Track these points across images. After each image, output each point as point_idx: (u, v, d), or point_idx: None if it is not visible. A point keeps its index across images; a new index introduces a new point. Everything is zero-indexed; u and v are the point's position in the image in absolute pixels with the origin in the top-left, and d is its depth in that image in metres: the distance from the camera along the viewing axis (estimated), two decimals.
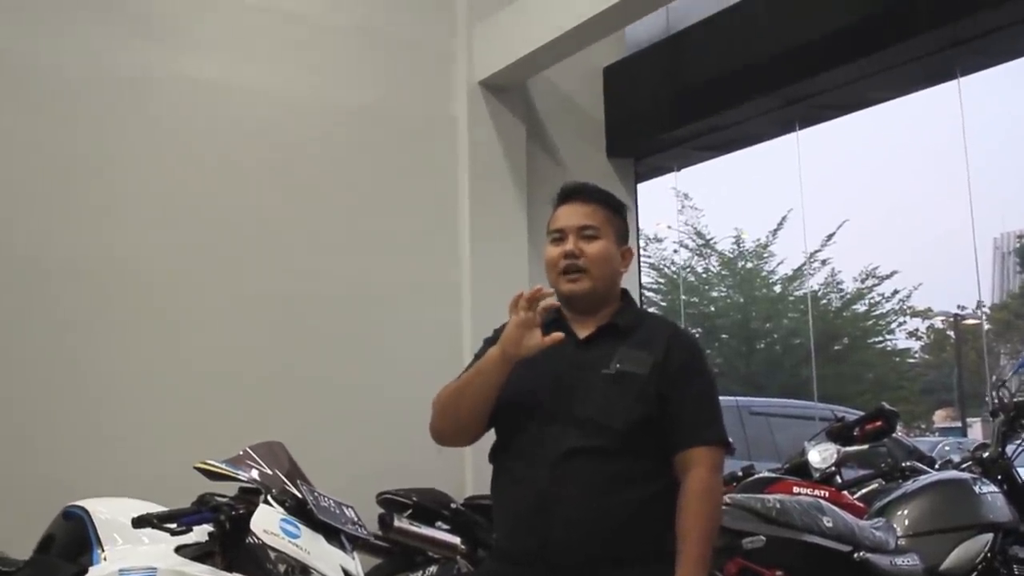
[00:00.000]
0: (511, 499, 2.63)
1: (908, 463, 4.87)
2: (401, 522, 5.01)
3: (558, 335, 2.55)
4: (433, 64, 6.73)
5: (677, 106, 6.95)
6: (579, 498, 2.51)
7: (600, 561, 2.50)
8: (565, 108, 7.25)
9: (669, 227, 21.41)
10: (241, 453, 3.25)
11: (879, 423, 5.14)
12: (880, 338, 23.53)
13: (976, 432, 28.86)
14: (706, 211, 26.76)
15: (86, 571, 3.09)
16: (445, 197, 6.64)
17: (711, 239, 22.29)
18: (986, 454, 4.46)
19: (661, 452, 2.59)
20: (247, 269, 5.90)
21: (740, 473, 5.30)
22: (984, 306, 31.07)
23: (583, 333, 2.70)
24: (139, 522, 2.92)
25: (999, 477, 4.37)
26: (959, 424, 29.05)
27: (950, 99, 6.35)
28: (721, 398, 2.77)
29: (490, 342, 2.74)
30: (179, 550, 3.06)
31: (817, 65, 6.05)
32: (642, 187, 7.89)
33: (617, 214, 2.78)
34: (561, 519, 2.51)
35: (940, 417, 31.54)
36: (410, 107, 6.59)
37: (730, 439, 5.98)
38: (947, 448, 17.19)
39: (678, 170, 7.98)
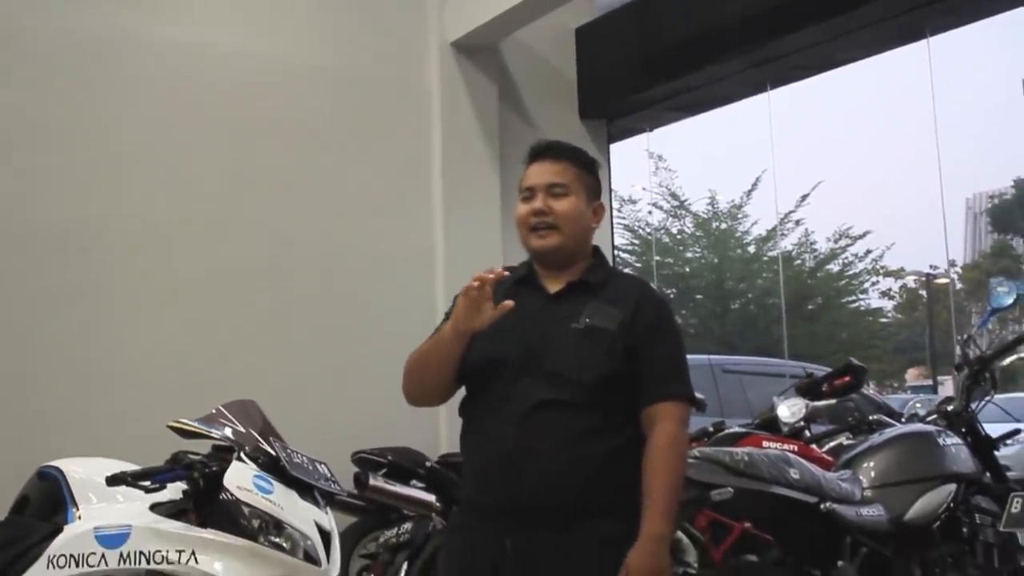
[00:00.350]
0: (480, 452, 2.67)
1: (875, 417, 4.95)
2: (376, 481, 5.06)
3: (508, 303, 2.58)
4: (405, 26, 6.69)
5: (649, 67, 6.95)
6: (547, 451, 2.54)
7: (568, 513, 2.54)
8: (537, 69, 7.23)
9: (644, 188, 21.47)
10: (214, 411, 3.28)
11: (847, 378, 5.22)
12: (853, 298, 23.74)
13: (947, 390, 29.20)
14: (680, 172, 26.83)
15: (61, 530, 3.12)
16: (417, 159, 6.63)
17: (685, 200, 22.36)
18: (951, 407, 4.52)
19: (629, 407, 2.63)
20: (221, 231, 5.90)
21: (711, 429, 5.37)
22: (956, 265, 31.38)
23: (553, 288, 2.73)
24: (113, 480, 2.95)
25: (963, 430, 4.43)
26: (931, 382, 29.39)
27: (920, 59, 6.40)
28: (694, 356, 2.81)
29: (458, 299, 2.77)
30: (154, 508, 3.10)
31: (788, 25, 6.05)
32: (616, 149, 7.91)
33: (588, 171, 2.79)
34: (529, 472, 2.54)
35: (912, 375, 31.90)
36: (382, 69, 6.57)
37: (700, 396, 6.08)
38: (918, 405, 17.41)
39: (650, 131, 8.00)
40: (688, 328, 22.60)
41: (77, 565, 2.99)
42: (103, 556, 2.98)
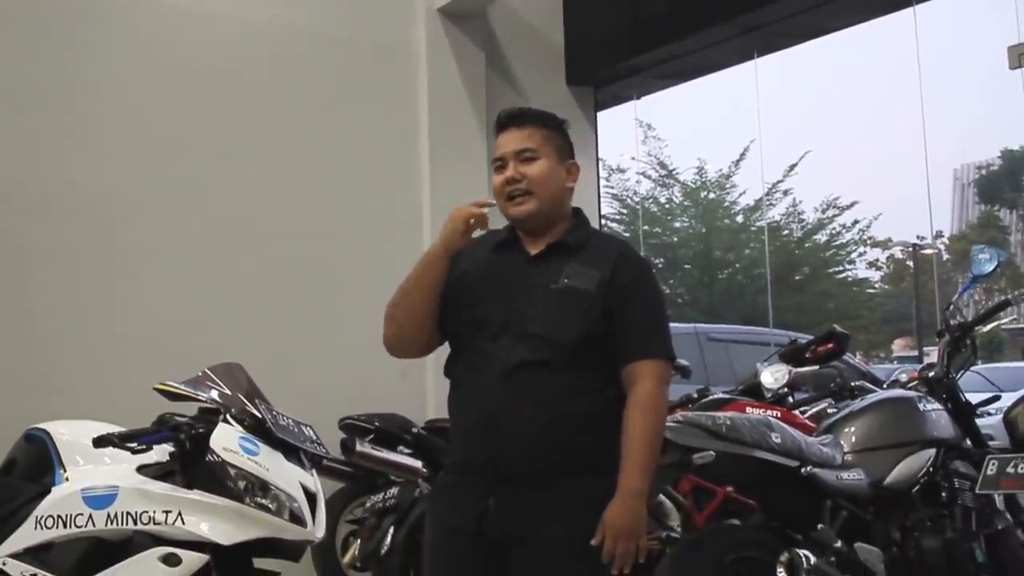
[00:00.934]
0: (464, 413, 2.71)
1: (857, 383, 4.99)
2: (363, 447, 5.09)
3: (482, 203, 2.69)
4: None
5: (636, 33, 6.92)
6: (528, 411, 2.58)
7: (550, 472, 2.58)
8: (525, 36, 7.21)
9: (633, 158, 21.46)
10: (200, 374, 3.30)
11: (830, 345, 5.25)
12: (840, 268, 23.82)
13: (933, 360, 29.36)
14: (668, 141, 26.81)
15: (49, 491, 3.15)
16: (404, 124, 6.62)
17: (673, 169, 22.36)
18: (932, 374, 4.56)
19: (608, 366, 2.65)
20: (206, 195, 5.88)
21: (695, 395, 5.42)
22: (943, 236, 31.48)
23: (534, 251, 2.76)
24: (100, 442, 2.97)
25: (944, 396, 4.47)
26: (916, 353, 29.56)
27: (907, 27, 6.41)
28: (680, 325, 2.83)
29: None
30: (140, 469, 3.13)
31: None
32: (604, 117, 7.90)
33: (556, 131, 2.80)
34: (511, 431, 2.58)
35: (899, 346, 32.08)
36: (369, 33, 6.54)
37: (685, 362, 6.12)
38: (903, 376, 17.54)
39: (638, 98, 7.99)
40: (675, 298, 22.68)
41: (65, 526, 3.02)
42: (90, 517, 3.01)
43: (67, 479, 3.16)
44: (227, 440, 3.06)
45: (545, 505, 2.57)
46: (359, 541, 5.12)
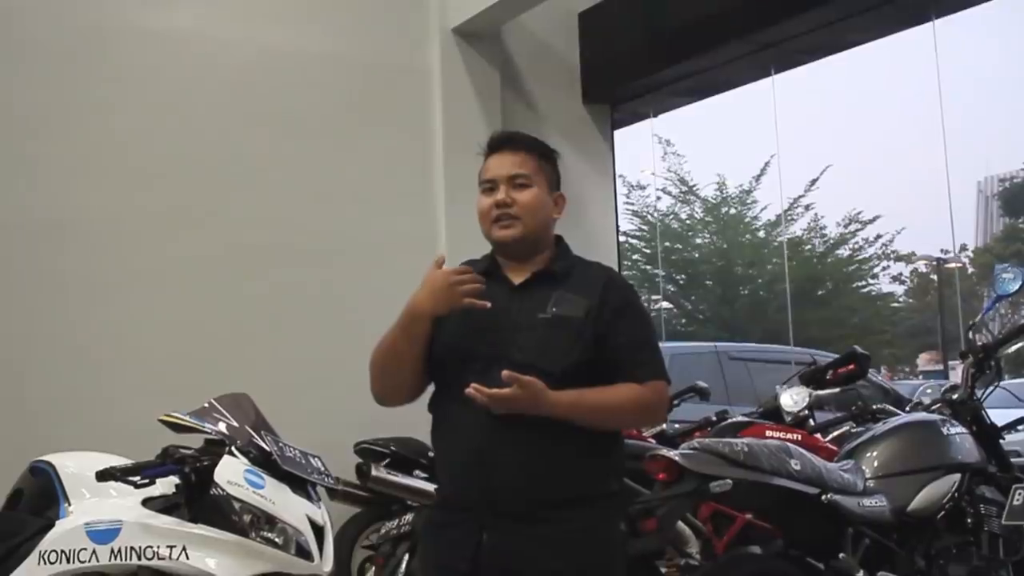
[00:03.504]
0: (453, 447, 2.64)
1: (879, 405, 4.90)
2: (379, 471, 5.04)
3: (484, 303, 2.59)
4: (406, 11, 6.63)
5: (653, 51, 6.88)
6: (521, 443, 2.53)
7: (543, 505, 2.54)
8: (540, 54, 7.16)
9: (653, 174, 21.39)
10: (206, 405, 3.25)
11: (851, 367, 5.17)
12: (864, 283, 23.64)
13: (958, 374, 29.10)
14: (691, 158, 26.75)
15: (53, 525, 3.10)
16: (419, 146, 6.58)
17: (694, 185, 22.27)
18: (956, 396, 4.47)
19: None
20: (218, 221, 5.85)
21: (714, 417, 5.34)
22: (967, 249, 31.23)
23: (517, 279, 2.72)
24: (103, 475, 2.93)
25: (968, 419, 4.38)
26: (942, 367, 29.29)
27: (927, 42, 6.34)
28: (700, 343, 2.80)
29: None
30: (145, 503, 3.08)
31: (792, 8, 5.99)
32: (622, 134, 7.85)
33: (548, 161, 2.78)
34: (504, 464, 2.53)
35: (924, 360, 31.80)
36: (382, 55, 6.51)
37: (704, 384, 6.04)
38: (928, 391, 17.36)
39: (655, 116, 7.94)
40: (697, 314, 22.56)
41: (68, 561, 2.98)
42: (94, 552, 2.96)
43: (71, 512, 3.12)
44: (232, 473, 3.01)
45: (540, 539, 2.53)
46: (374, 568, 5.06)
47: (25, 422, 5.01)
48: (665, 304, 22.64)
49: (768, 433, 4.75)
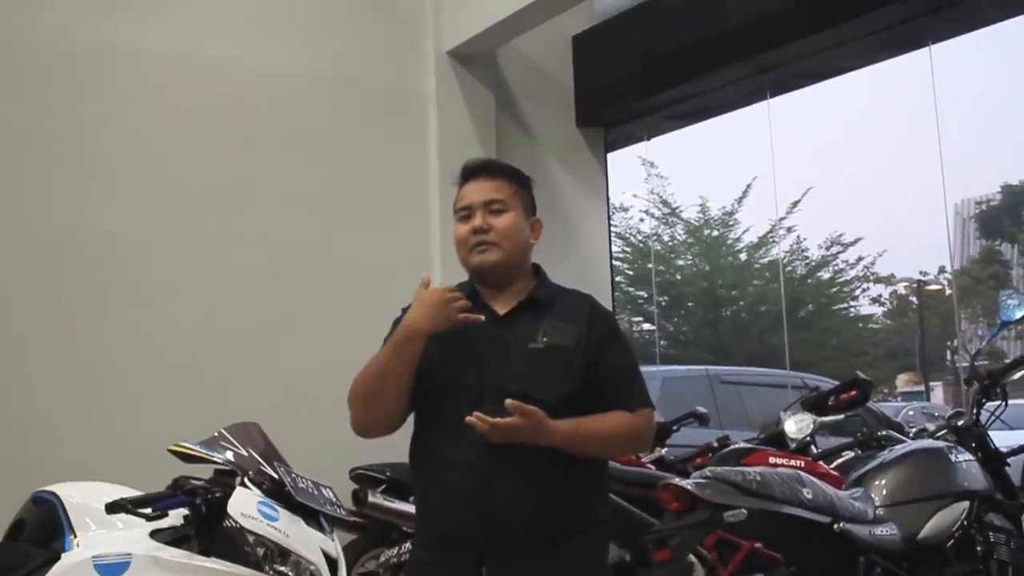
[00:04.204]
0: (446, 481, 2.58)
1: (883, 432, 4.88)
2: (375, 497, 4.97)
3: (478, 316, 2.57)
4: (400, 34, 6.61)
5: (647, 75, 6.88)
6: (520, 475, 2.50)
7: (543, 537, 2.52)
8: (534, 78, 7.16)
9: (635, 195, 21.44)
10: (216, 435, 3.19)
11: (854, 393, 5.15)
12: (845, 304, 23.76)
13: (937, 395, 29.27)
14: (676, 180, 26.88)
15: (58, 558, 3.03)
16: (414, 169, 6.54)
17: (677, 207, 22.33)
18: (960, 422, 4.47)
19: None
20: (215, 245, 5.79)
21: (715, 444, 5.31)
22: (945, 271, 31.46)
23: (502, 309, 2.69)
24: (113, 508, 2.86)
25: (973, 445, 4.38)
26: (921, 388, 29.43)
27: (914, 66, 6.36)
28: (691, 367, 2.81)
29: (398, 322, 2.71)
30: (154, 534, 3.01)
31: (788, 33, 6.00)
32: (609, 157, 7.83)
33: (523, 187, 2.77)
34: (503, 497, 2.50)
35: (903, 381, 31.96)
36: (377, 78, 6.48)
37: (703, 409, 6.01)
38: (911, 413, 17.38)
39: (648, 139, 7.94)
40: (679, 336, 22.59)
41: None
42: None
43: (78, 545, 3.04)
44: (245, 505, 2.95)
45: (540, 571, 2.51)
46: None
47: (26, 452, 4.91)
48: (647, 326, 22.67)
49: (772, 460, 4.72)
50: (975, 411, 4.45)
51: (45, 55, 5.45)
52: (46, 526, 3.16)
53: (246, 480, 3.06)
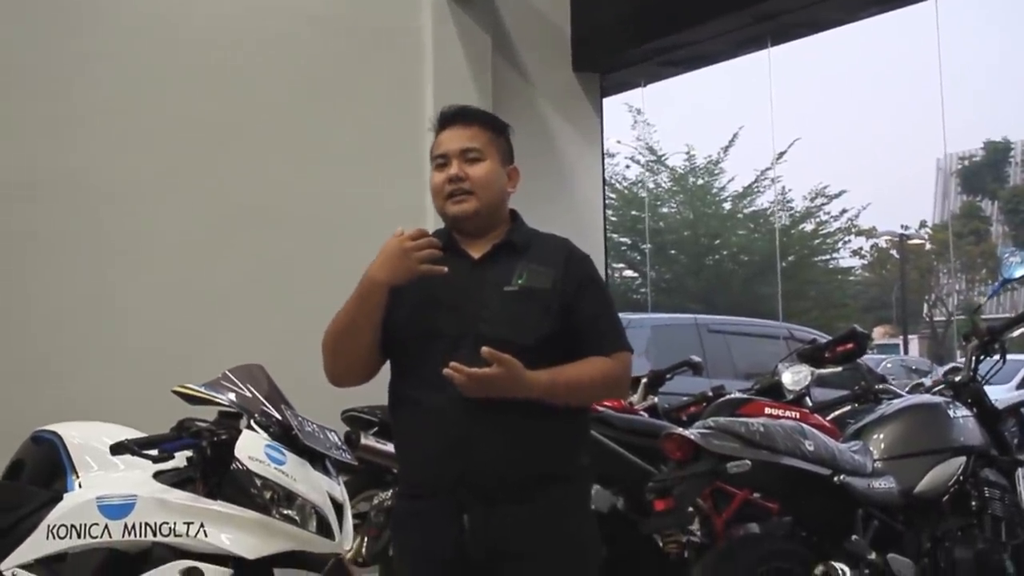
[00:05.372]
0: (426, 430, 2.56)
1: (880, 386, 4.89)
2: (367, 440, 4.94)
3: (441, 268, 2.53)
4: None
5: (646, 20, 6.77)
6: (500, 423, 2.48)
7: (524, 483, 2.51)
8: (531, 21, 7.04)
9: (618, 142, 21.34)
10: (220, 376, 3.15)
11: (851, 345, 5.15)
12: (826, 256, 23.84)
13: (913, 348, 29.56)
14: (667, 128, 26.72)
15: (60, 498, 3.00)
16: (408, 110, 6.43)
17: (663, 155, 22.25)
18: (958, 378, 4.47)
19: None
20: (206, 188, 5.74)
21: (710, 393, 5.30)
22: (926, 225, 31.62)
23: (476, 254, 2.66)
24: (117, 449, 2.83)
25: (970, 401, 4.39)
26: (897, 341, 29.70)
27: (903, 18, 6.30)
28: (679, 315, 2.77)
29: None
30: (157, 476, 2.98)
31: None
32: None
33: (500, 134, 2.73)
34: (484, 445, 2.48)
35: (879, 334, 32.23)
36: (373, 17, 6.37)
37: (698, 359, 6.00)
38: (888, 366, 17.55)
39: (645, 86, 7.86)
40: (662, 283, 22.64)
41: (79, 536, 2.88)
42: (106, 527, 2.86)
43: (80, 485, 3.01)
44: (253, 448, 2.91)
45: (523, 517, 2.51)
46: (366, 539, 4.99)
47: (25, 393, 4.89)
48: (629, 273, 22.67)
49: (767, 411, 4.72)
50: (973, 367, 4.45)
51: None
52: (47, 466, 3.14)
53: (252, 422, 3.03)
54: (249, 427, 3.02)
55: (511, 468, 2.50)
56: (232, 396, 3.09)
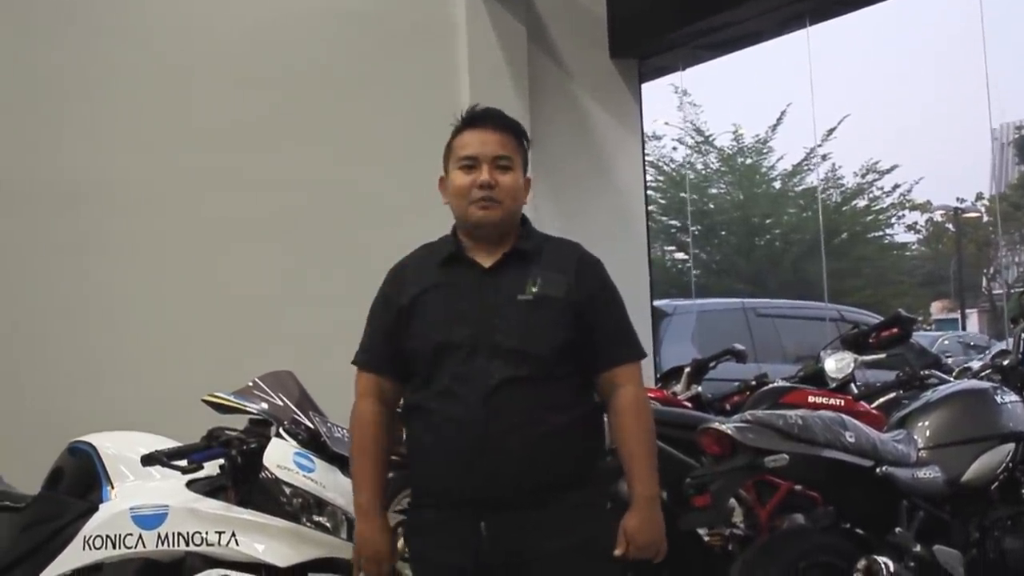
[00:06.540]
0: (442, 441, 2.51)
1: (927, 371, 4.79)
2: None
3: None
4: None
5: (682, 4, 6.71)
6: (519, 429, 2.46)
7: (544, 489, 2.49)
8: (567, 9, 7.01)
9: (666, 123, 21.13)
10: (250, 384, 3.17)
11: (895, 330, 5.06)
12: (880, 232, 23.44)
13: (972, 323, 29.04)
14: (710, 110, 26.39)
15: (96, 508, 3.03)
16: (444, 104, 6.34)
17: (710, 135, 22.00)
18: (1006, 362, 4.37)
19: (581, 375, 2.59)
20: (240, 184, 5.78)
21: (753, 382, 5.23)
22: (983, 198, 31.00)
23: (486, 262, 2.61)
24: (148, 460, 2.84)
25: (1019, 385, 4.29)
26: (956, 316, 29.19)
27: None
28: (727, 300, 2.72)
29: (384, 294, 2.70)
30: (190, 485, 2.99)
31: None
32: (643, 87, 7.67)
33: (524, 143, 2.69)
34: (503, 455, 2.45)
35: (937, 308, 31.74)
36: (407, 12, 6.37)
37: (740, 347, 5.92)
38: (946, 343, 17.23)
39: (683, 69, 7.78)
40: (712, 265, 22.43)
41: (114, 547, 2.90)
42: (140, 537, 2.88)
43: (115, 496, 3.04)
44: (282, 457, 2.92)
45: (541, 521, 2.49)
46: (400, 539, 5.00)
47: (59, 401, 4.98)
48: (680, 255, 22.48)
49: (811, 399, 4.66)
50: (1021, 350, 4.34)
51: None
52: (83, 476, 3.17)
53: (281, 430, 3.03)
54: (278, 435, 3.02)
55: (527, 475, 2.47)
56: (263, 405, 3.10)
